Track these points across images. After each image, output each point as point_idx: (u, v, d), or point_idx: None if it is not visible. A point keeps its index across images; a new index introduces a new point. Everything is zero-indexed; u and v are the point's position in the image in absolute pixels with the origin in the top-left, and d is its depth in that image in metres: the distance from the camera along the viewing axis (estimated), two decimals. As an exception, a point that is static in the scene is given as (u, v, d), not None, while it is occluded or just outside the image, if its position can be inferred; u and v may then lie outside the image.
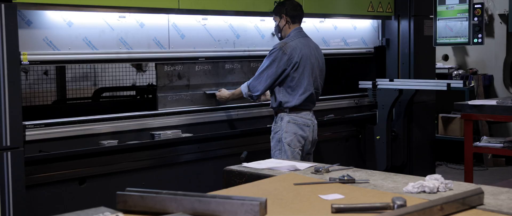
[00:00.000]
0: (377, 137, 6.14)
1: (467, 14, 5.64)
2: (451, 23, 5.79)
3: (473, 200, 2.15)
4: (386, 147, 6.13)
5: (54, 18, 4.17)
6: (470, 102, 5.89)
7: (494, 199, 2.25)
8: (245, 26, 5.27)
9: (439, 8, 5.87)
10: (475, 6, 5.55)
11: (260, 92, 4.66)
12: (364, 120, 6.20)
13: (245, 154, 4.63)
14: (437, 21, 5.89)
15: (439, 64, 8.94)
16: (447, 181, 2.45)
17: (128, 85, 6.46)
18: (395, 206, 2.08)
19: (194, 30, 4.92)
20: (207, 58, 5.01)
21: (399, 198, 2.11)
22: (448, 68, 8.76)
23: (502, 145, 5.82)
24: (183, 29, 4.83)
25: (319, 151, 5.46)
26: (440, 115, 8.41)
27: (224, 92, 4.99)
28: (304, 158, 4.78)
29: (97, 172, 4.21)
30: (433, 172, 6.87)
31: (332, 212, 2.14)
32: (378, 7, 6.14)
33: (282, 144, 4.65)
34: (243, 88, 4.75)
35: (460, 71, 8.65)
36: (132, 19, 4.53)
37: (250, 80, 4.73)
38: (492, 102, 5.87)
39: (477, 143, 6.02)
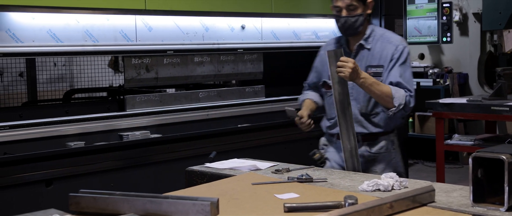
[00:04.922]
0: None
1: (436, 13, 5.69)
2: (420, 22, 5.83)
3: (424, 198, 2.18)
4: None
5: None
6: (441, 101, 5.94)
7: (446, 197, 2.27)
8: (214, 19, 5.24)
9: (409, 8, 5.92)
10: (444, 5, 5.60)
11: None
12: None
13: (213, 154, 4.57)
14: (407, 20, 5.93)
15: (416, 63, 9.00)
16: (402, 179, 2.47)
17: (101, 86, 6.43)
18: (346, 204, 2.10)
19: (162, 23, 4.88)
20: (175, 51, 4.98)
21: (351, 196, 2.13)
22: (424, 67, 8.82)
23: (472, 142, 5.88)
24: (150, 22, 4.79)
25: (292, 150, 5.46)
26: (417, 113, 8.47)
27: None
28: None
29: (64, 173, 4.16)
30: (406, 170, 6.93)
31: (285, 211, 2.16)
32: (349, 7, 6.14)
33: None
34: (399, 97, 3.28)
35: (436, 70, 8.72)
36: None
37: (404, 89, 3.33)
38: (462, 100, 5.93)
39: (449, 141, 6.08)
